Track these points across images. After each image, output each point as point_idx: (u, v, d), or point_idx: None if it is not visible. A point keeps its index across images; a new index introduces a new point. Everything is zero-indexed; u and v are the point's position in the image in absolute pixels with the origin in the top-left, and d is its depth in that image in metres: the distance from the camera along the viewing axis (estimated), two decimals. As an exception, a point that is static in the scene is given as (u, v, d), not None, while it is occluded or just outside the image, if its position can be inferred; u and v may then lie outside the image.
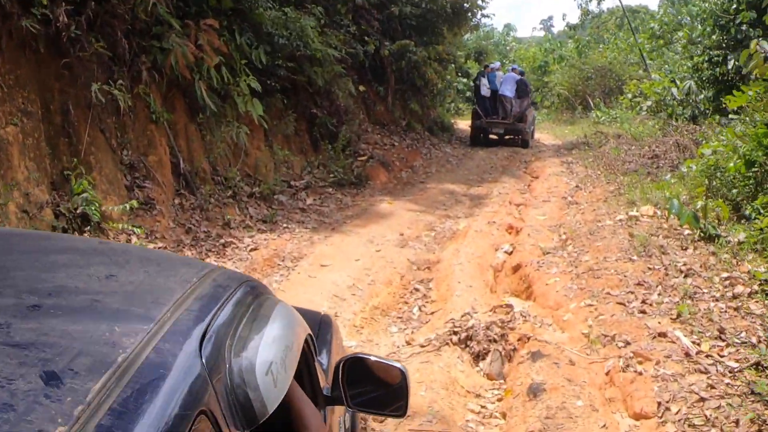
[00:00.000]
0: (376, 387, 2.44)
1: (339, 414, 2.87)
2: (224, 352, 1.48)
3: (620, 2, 31.30)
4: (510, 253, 9.87)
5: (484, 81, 23.30)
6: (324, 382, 2.55)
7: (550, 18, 74.32)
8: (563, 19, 44.26)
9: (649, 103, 18.84)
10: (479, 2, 21.33)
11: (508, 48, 48.06)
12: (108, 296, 1.49)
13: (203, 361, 1.35)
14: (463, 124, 29.30)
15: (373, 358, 2.47)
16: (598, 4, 40.55)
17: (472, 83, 27.85)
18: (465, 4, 19.97)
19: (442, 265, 9.06)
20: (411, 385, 2.48)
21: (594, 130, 22.81)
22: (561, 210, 12.17)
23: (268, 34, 12.97)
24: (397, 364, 2.43)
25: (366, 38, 17.24)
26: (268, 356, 1.59)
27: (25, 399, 0.98)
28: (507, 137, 22.69)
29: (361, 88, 16.90)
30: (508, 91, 22.68)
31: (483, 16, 21.48)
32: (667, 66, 23.32)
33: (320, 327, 3.38)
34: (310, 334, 2.28)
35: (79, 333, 1.23)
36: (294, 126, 13.98)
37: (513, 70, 24.77)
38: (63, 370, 1.07)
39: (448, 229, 11.26)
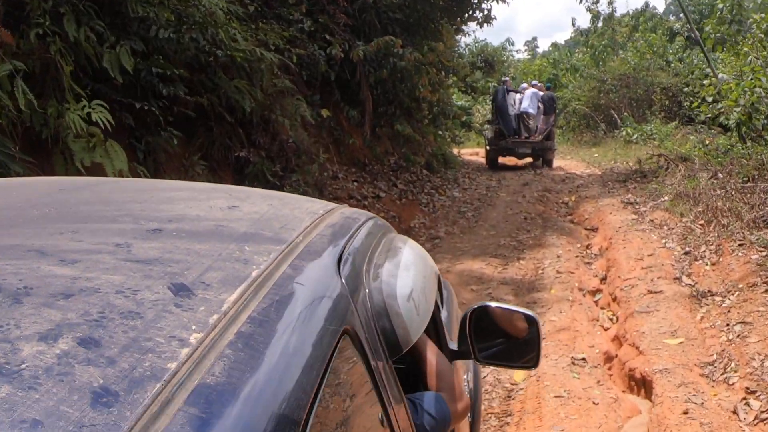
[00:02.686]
0: (505, 339, 2.29)
1: (463, 372, 2.68)
2: (362, 276, 1.43)
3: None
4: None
5: (511, 98, 20.98)
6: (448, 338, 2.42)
7: (534, 39, 69.27)
8: (572, 25, 38.44)
9: (738, 109, 13.33)
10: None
11: (506, 63, 42.48)
12: (233, 222, 1.39)
13: (343, 281, 1.27)
14: (467, 154, 23.85)
15: (502, 306, 2.31)
16: (609, 4, 34.69)
17: (489, 100, 23.44)
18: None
19: None
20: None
21: (649, 153, 17.26)
22: (691, 312, 6.63)
23: (141, 21, 7.33)
24: (528, 312, 2.25)
25: (328, 38, 11.52)
26: (407, 282, 1.55)
27: (153, 308, 0.89)
28: (532, 158, 20.85)
29: (324, 112, 11.15)
30: (530, 107, 20.71)
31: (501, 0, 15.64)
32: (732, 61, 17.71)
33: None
34: (438, 274, 2.13)
35: (206, 251, 1.13)
36: (205, 181, 8.22)
37: (533, 85, 22.63)
38: (193, 283, 0.98)
39: (494, 385, 5.49)
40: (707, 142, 17.27)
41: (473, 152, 25.47)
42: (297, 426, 0.88)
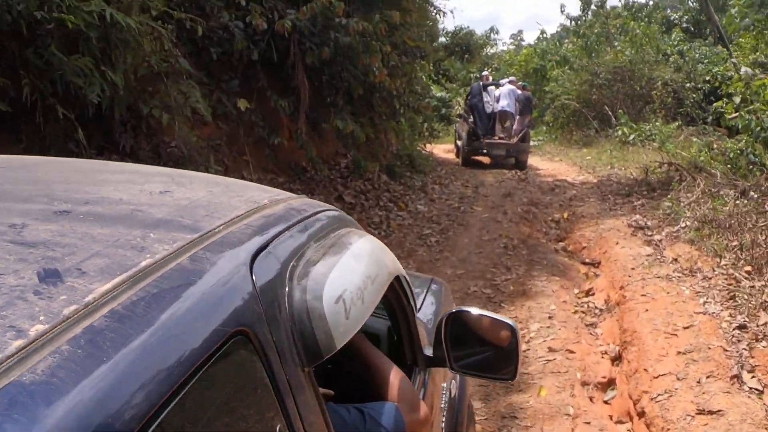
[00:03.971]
0: (484, 348, 2.20)
1: (442, 379, 2.61)
2: (285, 273, 1.27)
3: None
4: None
5: (489, 93, 19.72)
6: (426, 343, 2.34)
7: (520, 32, 66.45)
8: (561, 12, 35.25)
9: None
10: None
11: (490, 53, 39.61)
12: (154, 207, 1.28)
13: (253, 277, 1.14)
14: (443, 151, 21.21)
15: (480, 312, 2.20)
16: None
17: (466, 97, 21.24)
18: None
19: None
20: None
21: (655, 160, 14.64)
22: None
23: None
24: (508, 320, 2.17)
25: (244, 4, 8.66)
26: (340, 282, 1.36)
27: (7, 294, 0.82)
28: (508, 159, 19.06)
29: (242, 103, 8.33)
30: (508, 106, 19.32)
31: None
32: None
33: (429, 288, 3.19)
34: (404, 276, 1.99)
35: (103, 236, 1.05)
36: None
37: (510, 82, 20.89)
38: (68, 269, 0.90)
39: None
40: (714, 146, 14.78)
41: (450, 149, 22.59)
42: None
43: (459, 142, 20.21)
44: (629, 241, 9.01)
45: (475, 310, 2.19)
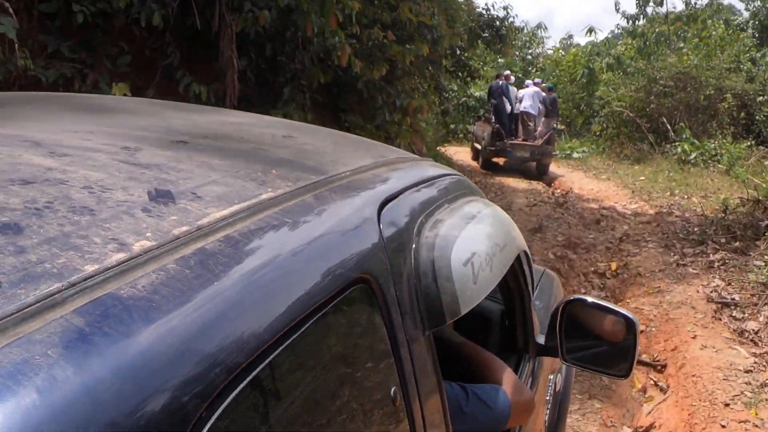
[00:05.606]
0: (597, 341, 2.07)
1: (549, 370, 2.49)
2: (413, 228, 1.22)
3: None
4: None
5: (511, 94, 18.72)
6: (537, 331, 2.22)
7: (570, 36, 62.24)
8: (616, 10, 31.21)
9: None
10: None
11: (538, 51, 36.29)
12: (277, 149, 1.24)
13: (380, 225, 1.08)
14: (464, 156, 19.52)
15: (598, 302, 2.09)
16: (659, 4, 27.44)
17: (488, 96, 19.41)
18: None
19: None
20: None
21: (721, 186, 11.48)
22: None
23: None
24: (627, 314, 2.01)
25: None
26: (470, 245, 1.28)
27: (114, 208, 0.76)
28: (531, 163, 18.41)
29: (119, 89, 5.31)
30: (531, 108, 18.60)
31: None
32: None
33: (541, 279, 3.05)
34: (527, 253, 1.97)
35: (222, 167, 0.99)
36: None
37: (536, 84, 19.95)
38: (182, 192, 0.85)
39: None
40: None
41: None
42: (228, 372, 0.67)
43: (477, 145, 19.44)
44: (712, 331, 5.84)
45: (592, 300, 2.06)
